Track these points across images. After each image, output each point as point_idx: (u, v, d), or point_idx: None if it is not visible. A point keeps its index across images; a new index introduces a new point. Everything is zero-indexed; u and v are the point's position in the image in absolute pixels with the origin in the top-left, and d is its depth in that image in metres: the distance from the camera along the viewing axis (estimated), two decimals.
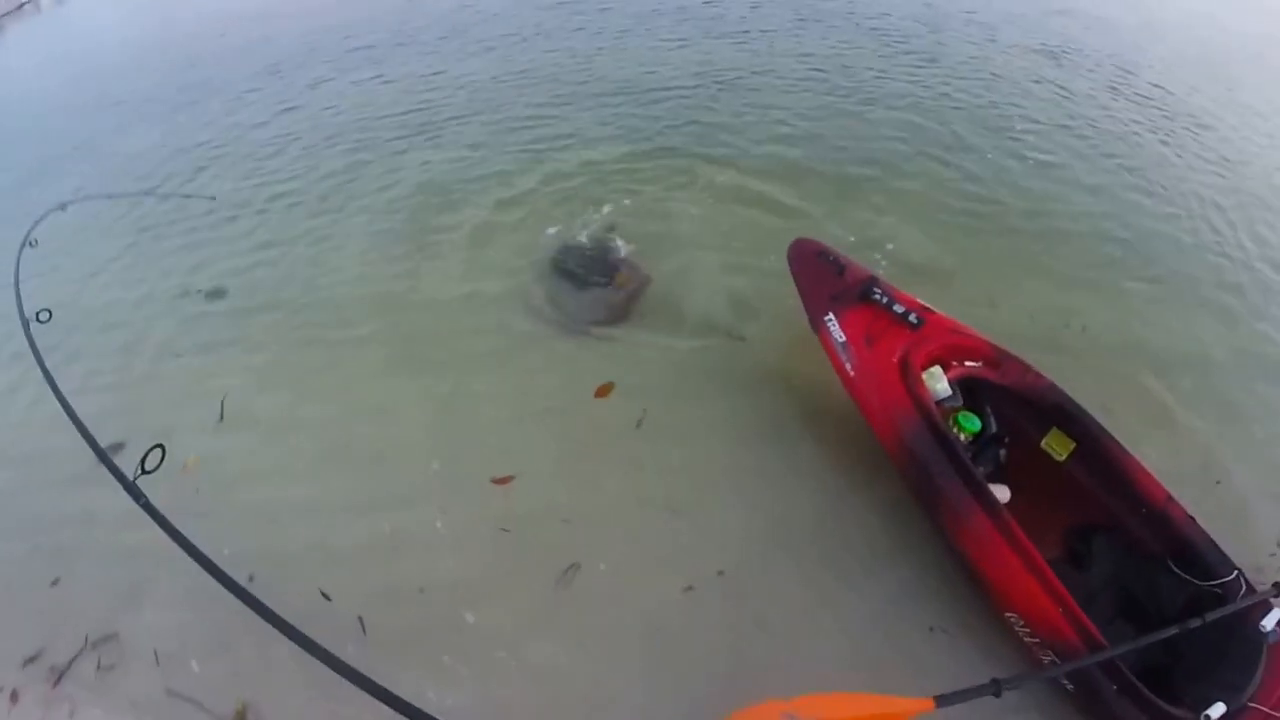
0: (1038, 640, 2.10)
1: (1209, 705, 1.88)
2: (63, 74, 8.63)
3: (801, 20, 7.32)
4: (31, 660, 2.50)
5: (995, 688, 1.89)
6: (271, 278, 4.23)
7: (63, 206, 3.90)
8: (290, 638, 1.58)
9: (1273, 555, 2.55)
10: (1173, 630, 2.00)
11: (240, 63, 7.67)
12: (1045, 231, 4.23)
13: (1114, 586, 2.35)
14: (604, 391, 3.21)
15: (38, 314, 2.71)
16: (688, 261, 3.94)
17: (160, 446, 1.92)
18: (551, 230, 4.31)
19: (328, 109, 6.30)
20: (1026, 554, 2.12)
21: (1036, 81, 6.10)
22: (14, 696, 2.41)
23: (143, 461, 1.92)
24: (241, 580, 1.75)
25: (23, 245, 3.24)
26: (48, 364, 2.50)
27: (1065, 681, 2.11)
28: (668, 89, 5.94)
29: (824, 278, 2.98)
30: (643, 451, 2.99)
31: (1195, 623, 1.99)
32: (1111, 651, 1.95)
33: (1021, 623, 2.14)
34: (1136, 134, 5.38)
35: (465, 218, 4.51)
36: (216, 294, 4.14)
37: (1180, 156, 5.11)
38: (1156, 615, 2.24)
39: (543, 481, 2.89)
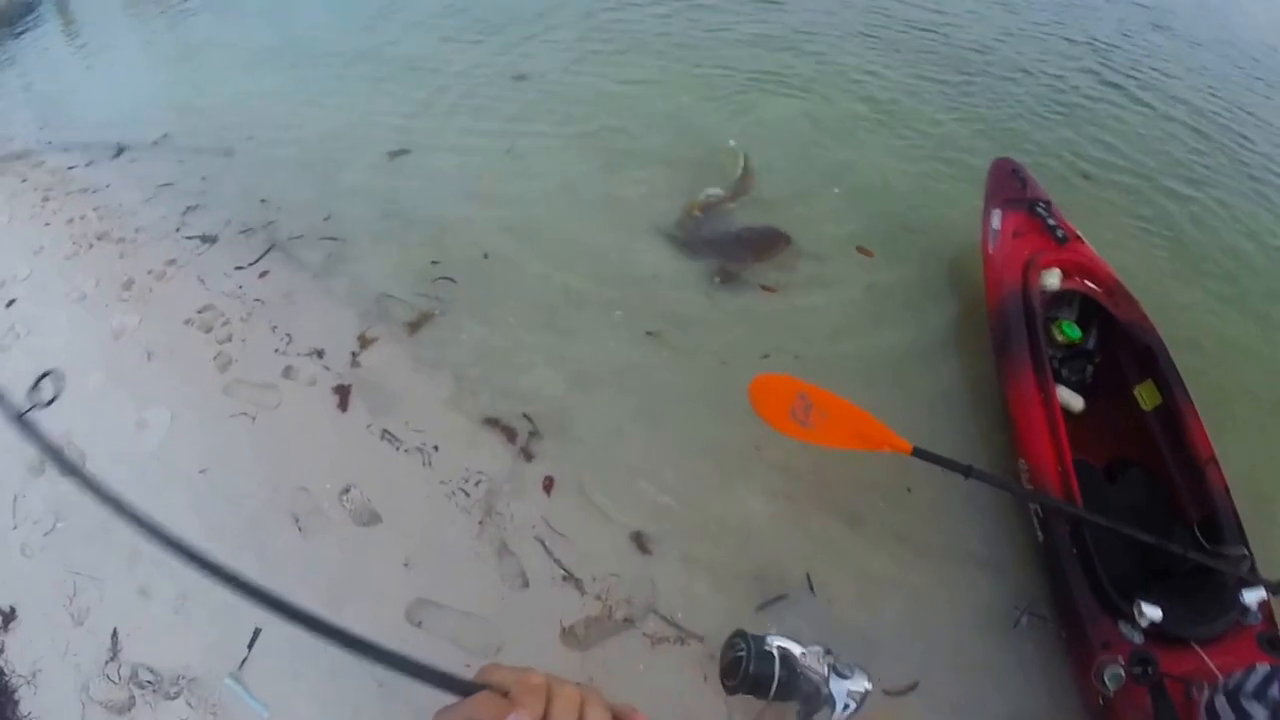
0: (1032, 488, 2.45)
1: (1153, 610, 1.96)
2: None
3: None
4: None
5: (968, 471, 2.31)
6: None
7: None
8: None
9: None
10: (1147, 538, 2.15)
11: None
12: None
13: (1130, 516, 2.44)
14: (867, 252, 3.79)
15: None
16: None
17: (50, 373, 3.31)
18: None
19: None
20: (1053, 417, 2.47)
21: None
22: None
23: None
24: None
25: None
26: None
27: (1037, 527, 2.45)
28: None
29: (1008, 187, 3.38)
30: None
31: (1175, 547, 2.14)
32: (1081, 511, 2.23)
33: (1026, 469, 2.51)
34: None
35: None
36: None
37: None
38: (1159, 558, 2.26)
39: None
